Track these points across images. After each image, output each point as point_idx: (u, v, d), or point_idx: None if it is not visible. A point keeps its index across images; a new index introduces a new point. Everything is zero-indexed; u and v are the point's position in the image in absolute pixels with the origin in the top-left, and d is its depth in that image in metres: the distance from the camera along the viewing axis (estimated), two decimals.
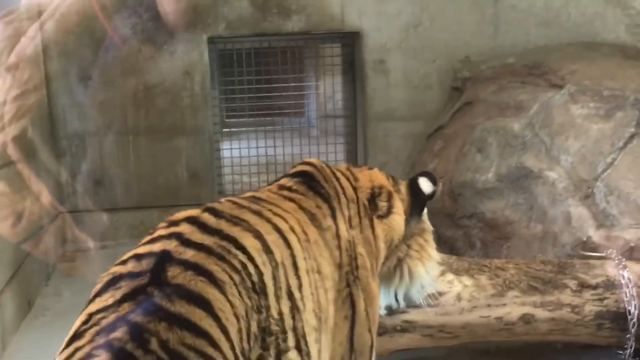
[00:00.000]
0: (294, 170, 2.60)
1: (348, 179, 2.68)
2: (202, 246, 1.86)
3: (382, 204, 2.74)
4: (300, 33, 5.82)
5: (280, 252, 2.06)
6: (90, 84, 5.46)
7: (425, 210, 3.03)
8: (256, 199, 2.29)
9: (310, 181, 2.52)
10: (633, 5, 5.85)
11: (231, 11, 5.66)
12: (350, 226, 2.53)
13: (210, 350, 1.63)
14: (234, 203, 2.19)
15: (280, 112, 6.79)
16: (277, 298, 1.97)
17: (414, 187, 2.92)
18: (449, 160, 5.27)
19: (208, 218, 2.01)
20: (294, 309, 2.03)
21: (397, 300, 2.99)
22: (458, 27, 5.79)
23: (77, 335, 1.62)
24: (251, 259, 1.93)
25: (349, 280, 2.41)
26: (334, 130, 6.48)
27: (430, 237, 3.00)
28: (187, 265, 1.77)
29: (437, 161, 5.39)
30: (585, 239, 4.28)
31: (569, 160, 4.48)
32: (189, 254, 1.81)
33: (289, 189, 2.47)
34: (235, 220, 2.05)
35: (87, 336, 1.60)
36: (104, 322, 1.61)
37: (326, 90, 6.76)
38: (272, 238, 2.07)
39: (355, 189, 2.67)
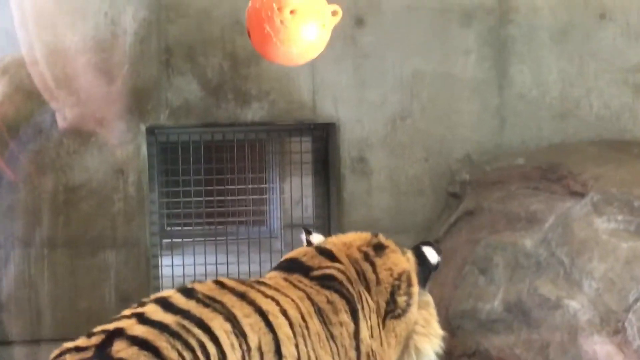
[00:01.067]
0: (320, 273, 3.05)
1: (369, 282, 3.18)
2: (158, 324, 2.34)
3: (402, 299, 3.25)
4: (261, 124, 5.88)
5: (257, 336, 2.51)
6: None
7: None
8: (254, 282, 2.79)
9: (330, 281, 3.01)
10: None
11: (177, 96, 5.72)
12: (372, 336, 3.01)
13: None
14: (219, 283, 2.65)
15: (235, 219, 6.76)
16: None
17: (420, 258, 3.42)
18: (445, 284, 5.28)
19: (178, 298, 2.50)
20: None
21: None
22: (456, 120, 5.89)
23: None
24: (215, 339, 2.39)
25: None
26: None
27: (433, 310, 3.51)
28: (135, 340, 2.26)
29: (431, 284, 5.38)
30: None
31: (594, 287, 4.51)
32: (141, 330, 2.30)
33: (305, 284, 2.96)
34: (208, 302, 2.51)
35: None
36: None
37: (293, 193, 6.76)
38: (249, 321, 2.53)
39: (377, 292, 3.18)
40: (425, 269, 3.46)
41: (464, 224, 5.43)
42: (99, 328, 2.37)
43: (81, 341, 2.32)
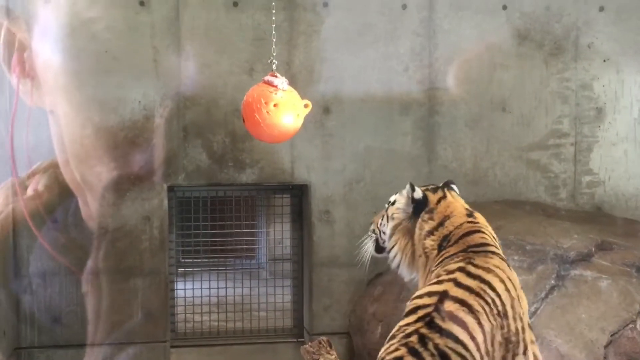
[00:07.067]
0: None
1: None
2: (467, 287, 2.76)
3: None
4: (253, 184, 5.83)
5: (512, 293, 2.86)
6: (55, 227, 5.38)
7: None
8: (499, 269, 2.96)
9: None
10: (551, 170, 6.04)
11: (190, 163, 5.69)
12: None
13: (463, 352, 2.61)
14: (486, 269, 2.90)
15: (232, 254, 6.72)
16: (514, 320, 2.80)
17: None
18: (387, 305, 5.25)
19: (471, 268, 2.86)
20: (522, 328, 2.83)
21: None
22: (396, 183, 5.81)
23: (392, 337, 2.69)
24: (498, 295, 2.79)
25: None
26: (282, 273, 6.43)
27: None
28: (456, 300, 2.70)
29: (377, 305, 5.36)
30: None
31: None
32: (458, 293, 2.73)
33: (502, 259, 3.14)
34: (488, 270, 2.87)
35: (397, 338, 2.66)
36: (407, 331, 2.65)
37: (276, 235, 6.73)
38: (508, 285, 2.87)
39: None
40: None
41: None
42: (432, 288, 2.79)
43: (425, 299, 2.73)
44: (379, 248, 3.60)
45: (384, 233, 3.50)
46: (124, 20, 5.54)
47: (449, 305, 2.67)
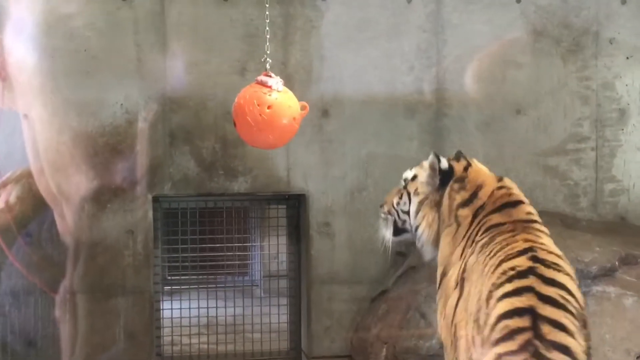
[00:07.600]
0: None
1: None
2: (550, 300, 2.65)
3: None
4: (246, 194, 5.75)
5: (579, 288, 2.84)
6: (28, 242, 5.28)
7: None
8: (561, 263, 2.93)
9: None
10: (571, 177, 5.96)
11: (177, 171, 5.59)
12: None
13: None
14: (555, 265, 2.84)
15: (224, 270, 6.66)
16: (587, 325, 2.76)
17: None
18: (392, 326, 5.20)
19: (543, 270, 2.77)
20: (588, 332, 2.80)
21: None
22: None
23: None
24: (576, 299, 2.72)
25: None
26: (278, 290, 6.34)
27: None
28: (549, 321, 2.60)
29: (381, 326, 5.33)
30: None
31: None
32: (547, 310, 2.62)
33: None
34: (557, 267, 2.81)
35: None
36: None
37: (271, 250, 6.66)
38: (574, 278, 2.85)
39: None
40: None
41: (409, 277, 5.34)
42: (514, 303, 2.66)
43: (516, 320, 2.61)
44: (398, 230, 3.58)
45: (405, 212, 3.50)
46: (104, 16, 5.44)
47: (548, 332, 2.59)
